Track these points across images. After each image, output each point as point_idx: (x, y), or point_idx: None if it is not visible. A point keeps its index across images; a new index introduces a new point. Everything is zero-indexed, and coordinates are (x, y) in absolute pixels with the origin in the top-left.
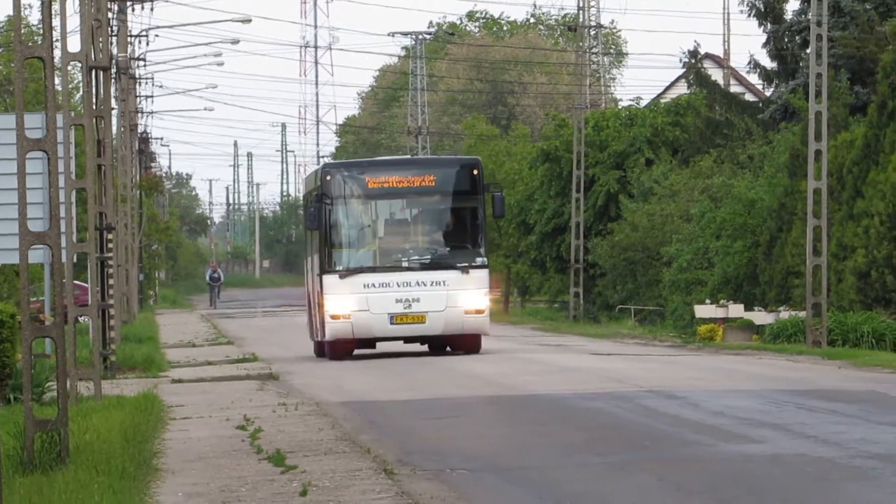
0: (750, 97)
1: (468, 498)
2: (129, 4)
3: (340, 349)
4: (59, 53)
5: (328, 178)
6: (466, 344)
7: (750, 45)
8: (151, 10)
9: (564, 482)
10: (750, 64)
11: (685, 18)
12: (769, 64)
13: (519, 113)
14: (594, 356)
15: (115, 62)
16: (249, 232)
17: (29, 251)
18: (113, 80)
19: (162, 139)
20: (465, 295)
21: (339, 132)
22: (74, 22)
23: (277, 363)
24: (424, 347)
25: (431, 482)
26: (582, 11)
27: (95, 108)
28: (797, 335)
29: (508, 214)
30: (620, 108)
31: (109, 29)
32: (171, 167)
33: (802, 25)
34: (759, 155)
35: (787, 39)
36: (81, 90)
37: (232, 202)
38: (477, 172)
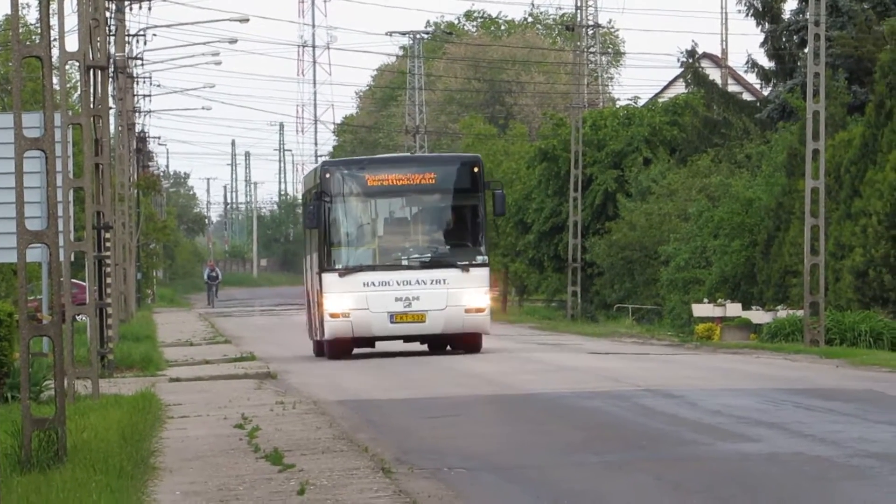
0: (748, 96)
1: (466, 497)
2: (126, 4)
3: (340, 348)
4: (56, 53)
5: (327, 175)
6: (467, 343)
7: (748, 44)
8: (149, 9)
9: (562, 481)
10: (748, 63)
11: (683, 18)
12: (767, 63)
13: (517, 112)
14: (592, 355)
15: (112, 61)
16: (247, 231)
17: (27, 250)
18: (111, 79)
19: (160, 138)
20: (465, 293)
21: (336, 131)
22: (72, 21)
23: (275, 362)
24: (424, 347)
25: (429, 481)
26: (580, 11)
27: (93, 107)
28: (795, 334)
29: (506, 213)
30: (618, 107)
31: (107, 28)
32: (168, 166)
33: (800, 25)
34: (756, 154)
35: (784, 39)
36: (79, 89)
37: (230, 201)
38: (478, 170)
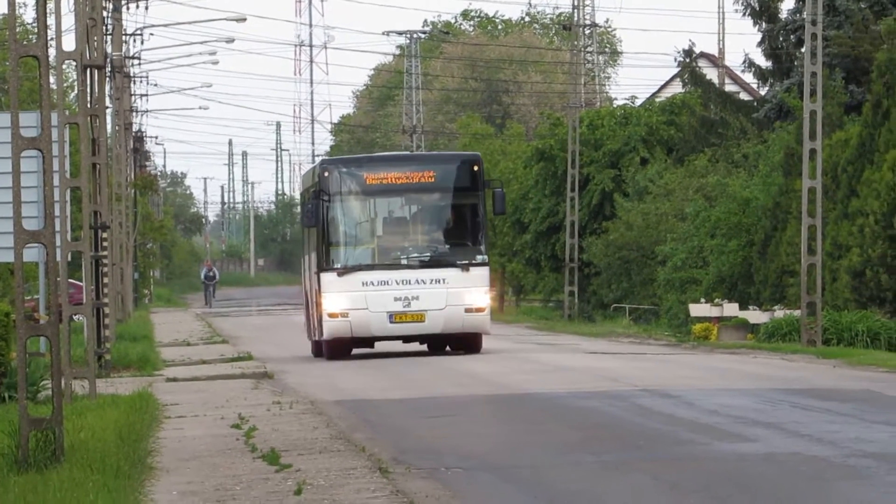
0: (745, 96)
1: (462, 496)
2: (123, 3)
3: (338, 348)
4: (53, 52)
5: (326, 174)
6: (467, 343)
7: (745, 44)
8: (146, 8)
9: (559, 481)
10: (745, 63)
11: (680, 17)
12: (764, 63)
13: (514, 112)
14: (589, 355)
15: (109, 61)
16: (244, 231)
17: (23, 250)
18: (108, 78)
19: (157, 138)
20: (465, 293)
21: (333, 131)
22: (69, 21)
23: (272, 362)
24: (423, 347)
25: (426, 481)
26: (577, 10)
27: (90, 106)
28: (792, 334)
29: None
30: (615, 106)
31: (104, 28)
32: (165, 166)
33: (797, 24)
34: (753, 154)
35: (781, 38)
36: (76, 89)
37: (227, 201)
38: (477, 168)
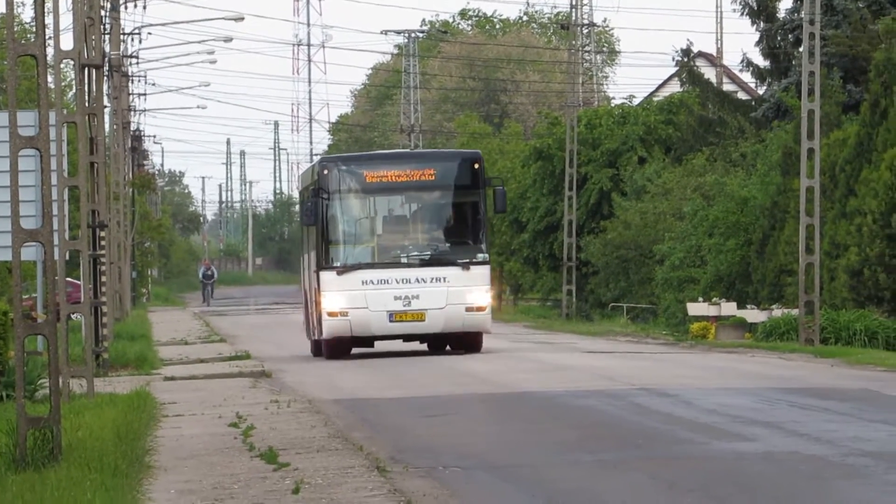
0: (743, 95)
1: (460, 495)
2: (121, 2)
3: (338, 348)
4: (51, 51)
5: (325, 172)
6: (467, 342)
7: (743, 43)
8: (144, 7)
9: (557, 480)
10: (743, 62)
11: (678, 17)
12: (762, 62)
13: (512, 111)
14: (587, 354)
15: (107, 60)
16: (242, 229)
17: (21, 248)
18: (106, 77)
19: (155, 137)
20: (465, 292)
21: (331, 130)
22: (67, 20)
23: (270, 361)
24: (424, 346)
25: (424, 480)
26: (574, 10)
27: (88, 105)
28: (790, 333)
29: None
30: (613, 106)
31: (102, 27)
32: (163, 165)
33: (795, 24)
34: (751, 153)
35: (779, 38)
36: (74, 88)
37: (224, 200)
38: (478, 166)
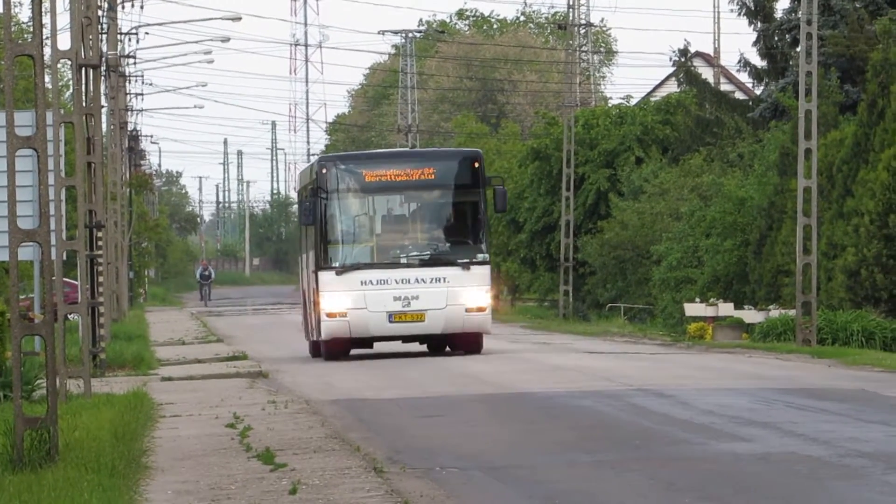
0: (740, 95)
1: (458, 496)
2: (119, 2)
3: (337, 349)
4: (48, 51)
5: (324, 171)
6: (467, 343)
7: (740, 43)
8: (141, 7)
9: (554, 480)
10: (740, 62)
11: (675, 17)
12: (759, 62)
13: (509, 111)
14: (584, 354)
15: (104, 60)
16: (239, 230)
17: (18, 248)
18: (103, 77)
19: (152, 137)
20: (465, 292)
21: (329, 130)
22: (64, 20)
23: (267, 361)
24: (423, 347)
25: (421, 480)
26: (572, 10)
27: (85, 105)
28: (787, 334)
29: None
30: (610, 106)
31: (99, 27)
32: (160, 165)
33: (792, 24)
34: (748, 153)
35: (777, 38)
36: (71, 88)
37: (222, 200)
38: (478, 165)
